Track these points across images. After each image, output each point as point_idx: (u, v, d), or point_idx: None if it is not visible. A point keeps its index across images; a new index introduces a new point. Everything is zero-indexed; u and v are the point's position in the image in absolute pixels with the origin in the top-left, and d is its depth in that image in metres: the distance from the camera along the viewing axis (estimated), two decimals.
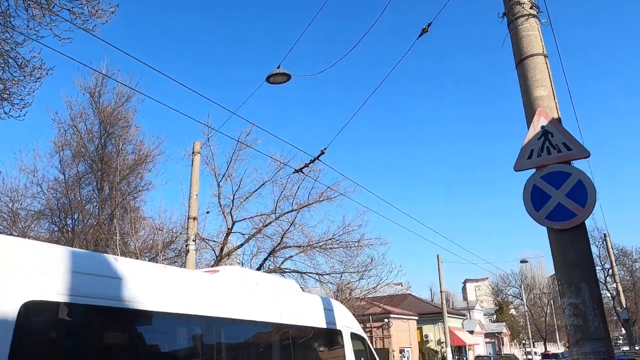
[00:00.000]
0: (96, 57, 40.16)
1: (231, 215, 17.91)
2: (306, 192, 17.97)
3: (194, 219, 15.63)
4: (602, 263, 60.41)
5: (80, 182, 22.24)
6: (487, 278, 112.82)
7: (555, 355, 47.24)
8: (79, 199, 22.13)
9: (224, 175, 17.92)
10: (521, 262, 39.39)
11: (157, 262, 20.34)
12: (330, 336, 8.84)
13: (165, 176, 45.85)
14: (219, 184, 17.95)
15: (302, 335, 8.11)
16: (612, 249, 32.92)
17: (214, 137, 17.46)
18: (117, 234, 19.36)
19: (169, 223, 21.36)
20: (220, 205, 17.98)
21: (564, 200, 4.70)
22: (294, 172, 10.93)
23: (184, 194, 24.30)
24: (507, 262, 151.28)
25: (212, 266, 18.97)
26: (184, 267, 18.67)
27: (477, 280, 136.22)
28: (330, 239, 18.00)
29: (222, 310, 6.35)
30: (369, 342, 10.13)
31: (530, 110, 5.18)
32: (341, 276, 19.73)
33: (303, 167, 10.19)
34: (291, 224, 17.64)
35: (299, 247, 18.10)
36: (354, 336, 9.30)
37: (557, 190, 4.76)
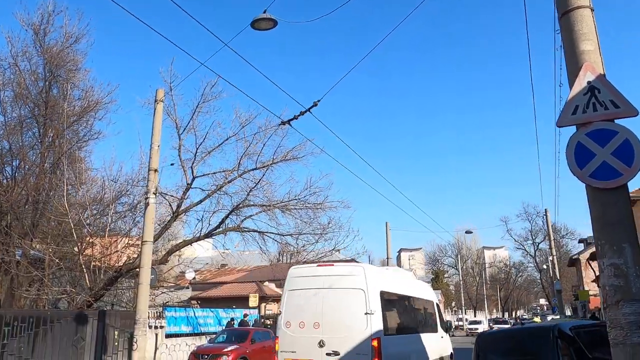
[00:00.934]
0: None
1: (192, 170, 17.11)
2: (272, 149, 17.48)
3: (155, 170, 14.81)
4: (534, 237, 64.23)
5: (22, 127, 20.51)
6: (420, 248, 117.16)
7: (505, 321, 50.21)
8: (20, 144, 20.46)
9: (185, 128, 16.99)
10: (466, 232, 40.85)
11: (107, 215, 19.31)
12: (432, 304, 14.73)
13: (117, 126, 43.47)
14: (179, 136, 17.04)
15: (425, 304, 14.11)
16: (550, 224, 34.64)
17: (177, 87, 16.44)
18: (65, 184, 18.13)
19: (120, 176, 20.25)
20: (181, 159, 17.14)
21: (609, 159, 4.54)
22: (280, 124, 10.38)
23: (142, 145, 23.07)
24: (445, 233, 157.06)
25: (169, 221, 18.20)
26: (142, 221, 17.77)
27: (411, 250, 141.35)
28: (294, 199, 17.65)
29: (405, 289, 12.67)
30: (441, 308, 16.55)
31: (574, 65, 4.94)
32: (297, 239, 19.50)
33: (292, 119, 9.66)
34: (257, 182, 17.12)
35: (262, 206, 17.64)
36: (437, 305, 15.24)
37: (602, 149, 4.59)
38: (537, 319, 31.37)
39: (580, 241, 50.03)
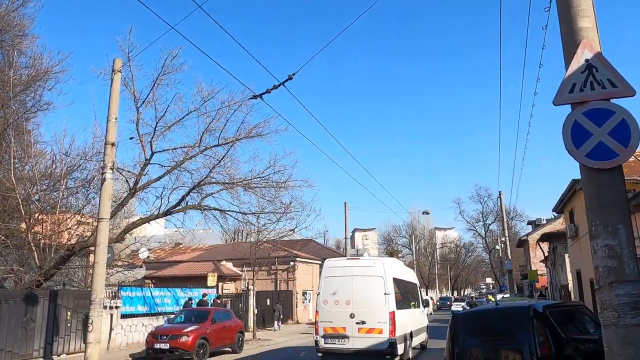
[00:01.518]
0: None
1: (151, 145, 16.39)
2: (235, 125, 16.97)
3: (112, 144, 14.12)
4: (485, 219, 66.18)
5: None
6: (374, 228, 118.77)
7: (463, 299, 51.96)
8: None
9: (144, 100, 16.20)
10: (423, 213, 41.51)
11: (57, 190, 18.32)
12: (416, 286, 17.95)
13: (69, 97, 40.86)
14: (138, 109, 16.23)
15: (411, 285, 17.04)
16: (499, 206, 35.61)
17: (136, 58, 15.65)
18: (11, 157, 17.04)
19: (72, 149, 19.20)
20: (139, 133, 16.34)
21: (605, 139, 4.48)
22: (251, 98, 9.90)
23: (96, 118, 22.03)
24: (400, 213, 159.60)
25: (126, 198, 17.46)
26: (95, 198, 16.96)
27: (365, 230, 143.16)
28: (257, 177, 17.26)
29: (403, 276, 16.03)
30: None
31: (571, 42, 4.82)
32: (257, 218, 19.16)
33: (264, 93, 9.22)
34: (220, 159, 16.58)
35: (224, 184, 17.14)
36: (418, 286, 18.60)
37: (599, 128, 4.52)
38: (491, 297, 32.40)
39: (529, 223, 51.87)
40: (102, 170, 14.01)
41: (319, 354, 13.71)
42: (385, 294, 13.18)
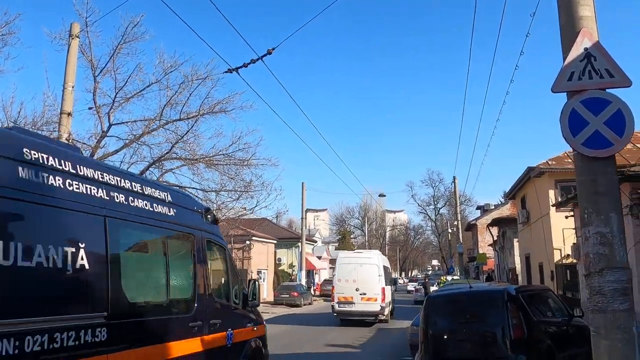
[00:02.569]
0: None
1: (108, 117, 15.64)
2: (199, 100, 16.42)
3: (68, 114, 13.36)
4: (435, 203, 67.83)
5: None
6: (326, 209, 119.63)
7: (417, 279, 53.37)
8: None
9: (102, 69, 15.40)
10: (380, 195, 41.99)
11: None
12: (389, 269, 24.71)
13: (18, 62, 38.39)
14: (95, 78, 15.40)
15: (388, 269, 24.59)
16: (451, 191, 36.54)
17: (94, 24, 14.85)
18: None
19: (20, 117, 18.07)
20: (96, 104, 15.53)
21: (601, 128, 4.54)
22: (226, 72, 9.47)
23: (49, 85, 20.85)
24: (354, 194, 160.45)
25: None
26: None
27: (317, 211, 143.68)
28: (220, 153, 16.84)
29: (386, 263, 24.37)
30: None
31: (570, 31, 4.83)
32: (217, 195, 18.81)
33: (240, 67, 8.85)
34: (183, 135, 16.03)
35: (185, 159, 16.64)
36: (390, 269, 26.18)
37: (596, 117, 4.57)
38: (444, 278, 33.34)
39: (477, 208, 53.56)
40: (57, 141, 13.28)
41: (334, 314, 20.52)
42: (379, 275, 19.97)
